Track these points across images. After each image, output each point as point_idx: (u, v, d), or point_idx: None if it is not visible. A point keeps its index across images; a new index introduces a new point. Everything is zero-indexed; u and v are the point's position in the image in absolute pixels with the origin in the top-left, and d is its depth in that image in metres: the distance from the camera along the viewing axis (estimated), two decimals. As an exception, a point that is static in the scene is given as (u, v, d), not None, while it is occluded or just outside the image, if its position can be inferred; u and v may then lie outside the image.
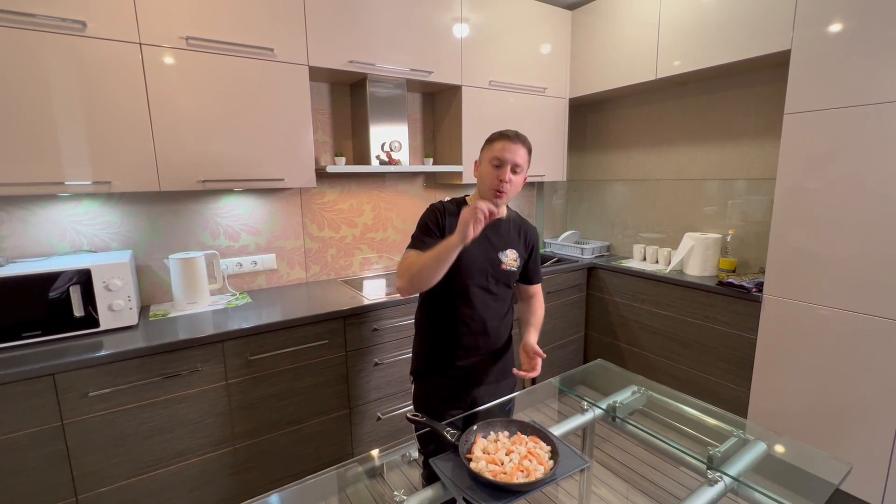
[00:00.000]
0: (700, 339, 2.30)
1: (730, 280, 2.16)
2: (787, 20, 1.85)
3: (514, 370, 1.33)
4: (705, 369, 2.30)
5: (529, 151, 1.36)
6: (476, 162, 1.41)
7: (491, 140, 1.36)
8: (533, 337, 1.40)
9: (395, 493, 0.96)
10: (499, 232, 1.43)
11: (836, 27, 1.70)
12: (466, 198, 1.48)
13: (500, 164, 1.31)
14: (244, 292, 2.15)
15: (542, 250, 3.24)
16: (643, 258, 2.82)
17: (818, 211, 1.81)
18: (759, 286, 2.04)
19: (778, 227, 1.94)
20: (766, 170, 2.30)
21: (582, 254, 2.98)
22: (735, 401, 2.16)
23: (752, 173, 2.38)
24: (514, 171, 1.32)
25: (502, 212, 1.45)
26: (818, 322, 1.84)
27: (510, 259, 1.42)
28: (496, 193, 1.33)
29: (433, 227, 1.36)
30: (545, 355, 1.32)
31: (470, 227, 1.12)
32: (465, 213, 1.14)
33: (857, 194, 1.70)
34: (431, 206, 1.43)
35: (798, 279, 1.89)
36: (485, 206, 1.12)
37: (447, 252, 1.19)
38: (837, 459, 1.12)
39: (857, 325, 1.74)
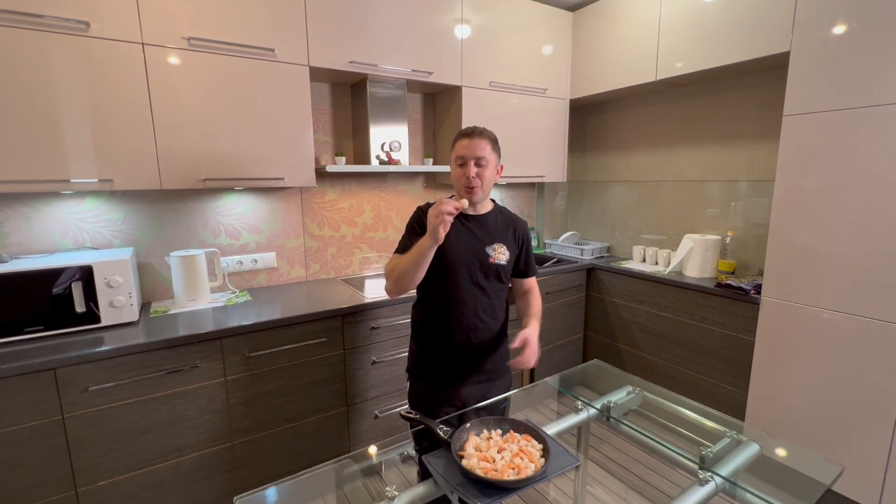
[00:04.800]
0: (698, 340, 2.30)
1: (728, 282, 2.16)
2: (787, 23, 1.85)
3: (509, 361, 1.36)
4: (703, 371, 2.29)
5: (493, 142, 1.38)
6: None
7: (454, 141, 1.41)
8: (532, 326, 1.41)
9: (388, 488, 0.97)
10: (485, 226, 1.44)
11: (835, 30, 1.70)
12: (453, 197, 1.49)
13: (463, 163, 1.36)
14: (244, 290, 2.17)
15: (542, 251, 3.24)
16: (643, 259, 2.82)
17: (816, 213, 1.81)
18: (758, 288, 2.04)
19: (776, 228, 1.94)
20: (766, 171, 2.30)
21: (582, 255, 2.98)
22: (733, 402, 2.16)
23: (753, 175, 2.38)
24: (479, 165, 1.35)
25: (485, 207, 1.47)
26: (816, 324, 1.84)
27: (498, 253, 1.43)
28: (467, 190, 1.37)
29: (419, 228, 1.39)
30: (535, 347, 1.35)
31: (439, 228, 1.19)
32: (430, 214, 1.21)
33: (855, 197, 1.70)
34: (418, 208, 1.46)
35: (796, 281, 1.88)
36: (448, 206, 1.19)
37: (422, 254, 1.27)
38: (830, 461, 1.12)
39: (855, 328, 1.73)
